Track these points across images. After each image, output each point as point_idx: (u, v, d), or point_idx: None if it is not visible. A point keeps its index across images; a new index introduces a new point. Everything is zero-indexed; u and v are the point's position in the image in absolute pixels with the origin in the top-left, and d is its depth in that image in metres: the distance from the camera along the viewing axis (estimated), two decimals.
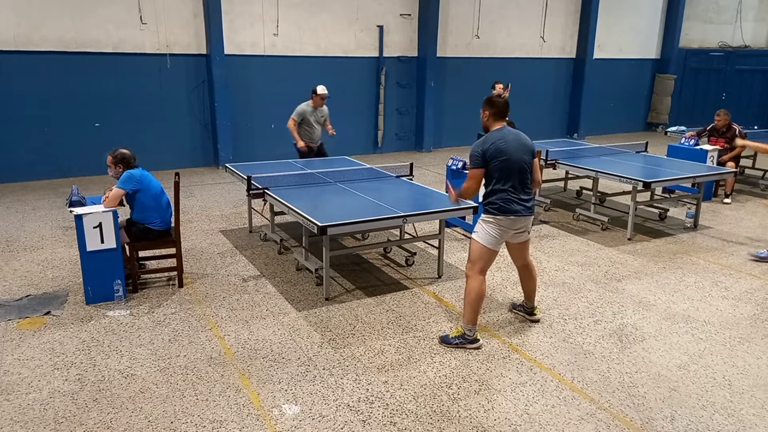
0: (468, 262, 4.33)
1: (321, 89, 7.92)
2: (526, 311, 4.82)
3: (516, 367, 4.08)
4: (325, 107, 8.14)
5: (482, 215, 4.26)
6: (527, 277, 4.66)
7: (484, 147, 4.10)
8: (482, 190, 4.39)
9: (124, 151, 5.14)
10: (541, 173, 4.61)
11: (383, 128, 12.76)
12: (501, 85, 9.63)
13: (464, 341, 4.29)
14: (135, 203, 5.13)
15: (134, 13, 9.91)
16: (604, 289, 5.46)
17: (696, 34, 16.72)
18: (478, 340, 4.33)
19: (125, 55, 9.97)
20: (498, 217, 4.16)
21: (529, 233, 4.42)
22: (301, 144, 7.92)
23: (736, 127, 8.88)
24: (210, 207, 8.23)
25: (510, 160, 4.09)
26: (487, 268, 4.31)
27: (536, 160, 4.32)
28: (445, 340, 4.36)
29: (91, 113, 9.92)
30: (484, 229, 4.22)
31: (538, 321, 4.75)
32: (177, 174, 5.16)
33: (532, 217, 4.32)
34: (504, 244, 4.39)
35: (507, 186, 4.12)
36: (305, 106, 7.94)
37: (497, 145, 4.08)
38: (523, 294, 4.83)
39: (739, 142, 7.10)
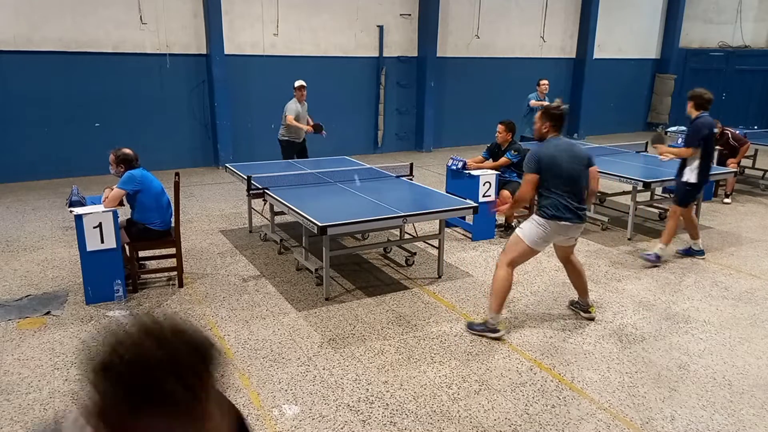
0: (503, 252, 4.45)
1: (298, 81, 8.26)
2: (581, 308, 4.90)
3: (516, 367, 4.08)
4: (305, 102, 8.41)
5: (534, 215, 4.39)
6: (570, 272, 4.80)
7: (540, 154, 4.28)
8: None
9: (127, 151, 5.13)
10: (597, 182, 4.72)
11: (383, 128, 12.76)
12: (546, 83, 9.56)
13: (486, 329, 4.44)
14: (136, 203, 5.13)
15: (134, 13, 9.91)
16: (604, 289, 5.46)
17: (696, 34, 16.71)
18: (500, 330, 4.43)
19: (125, 55, 9.97)
20: (549, 221, 4.27)
21: (575, 240, 4.58)
22: (308, 128, 8.22)
23: (729, 132, 8.89)
24: (210, 207, 8.24)
25: (562, 169, 4.25)
26: (518, 264, 4.47)
27: (594, 168, 4.51)
28: (470, 327, 4.51)
29: (91, 113, 9.92)
30: (531, 228, 4.35)
31: (592, 319, 4.81)
32: (177, 174, 5.16)
33: (583, 225, 4.44)
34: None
35: (559, 193, 4.25)
36: (294, 103, 8.22)
37: (552, 154, 4.27)
38: (576, 292, 4.92)
39: None
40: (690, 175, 5.88)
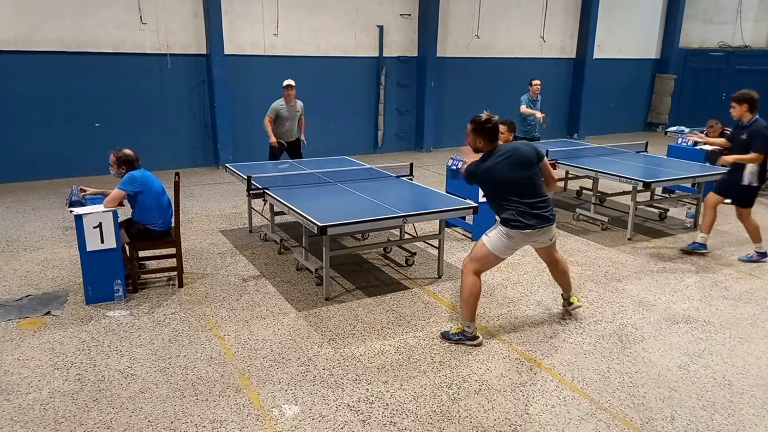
0: (467, 258, 4.35)
1: (286, 81, 8.06)
2: (566, 303, 4.87)
3: (516, 367, 4.08)
4: (299, 102, 8.24)
5: (500, 225, 4.23)
6: (555, 272, 4.73)
7: (479, 169, 4.12)
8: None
9: (128, 152, 5.13)
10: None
11: (383, 128, 12.76)
12: (538, 82, 9.47)
13: (464, 338, 4.34)
14: (136, 204, 5.13)
15: (134, 13, 9.91)
16: (604, 289, 5.46)
17: (696, 34, 16.72)
18: (478, 337, 4.38)
19: (125, 55, 9.97)
20: (511, 230, 4.15)
21: (551, 240, 4.44)
22: (273, 139, 8.08)
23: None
24: (210, 207, 8.24)
25: (508, 179, 4.07)
26: (484, 270, 4.39)
27: (545, 161, 4.32)
28: (445, 336, 4.42)
29: (91, 113, 9.92)
30: (496, 237, 4.22)
31: (579, 307, 4.83)
32: (177, 174, 5.16)
33: (552, 226, 4.31)
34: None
35: (515, 201, 4.11)
36: (278, 102, 8.12)
37: (491, 168, 4.07)
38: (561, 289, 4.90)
39: None
40: (752, 179, 5.95)
